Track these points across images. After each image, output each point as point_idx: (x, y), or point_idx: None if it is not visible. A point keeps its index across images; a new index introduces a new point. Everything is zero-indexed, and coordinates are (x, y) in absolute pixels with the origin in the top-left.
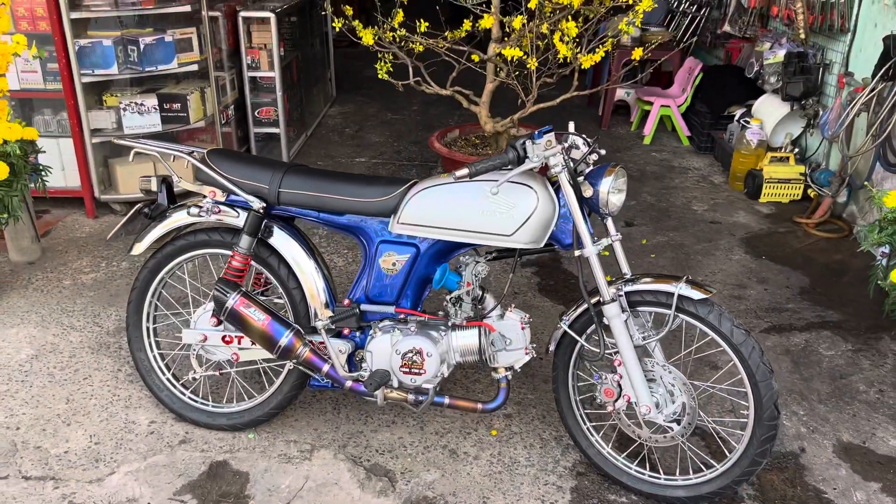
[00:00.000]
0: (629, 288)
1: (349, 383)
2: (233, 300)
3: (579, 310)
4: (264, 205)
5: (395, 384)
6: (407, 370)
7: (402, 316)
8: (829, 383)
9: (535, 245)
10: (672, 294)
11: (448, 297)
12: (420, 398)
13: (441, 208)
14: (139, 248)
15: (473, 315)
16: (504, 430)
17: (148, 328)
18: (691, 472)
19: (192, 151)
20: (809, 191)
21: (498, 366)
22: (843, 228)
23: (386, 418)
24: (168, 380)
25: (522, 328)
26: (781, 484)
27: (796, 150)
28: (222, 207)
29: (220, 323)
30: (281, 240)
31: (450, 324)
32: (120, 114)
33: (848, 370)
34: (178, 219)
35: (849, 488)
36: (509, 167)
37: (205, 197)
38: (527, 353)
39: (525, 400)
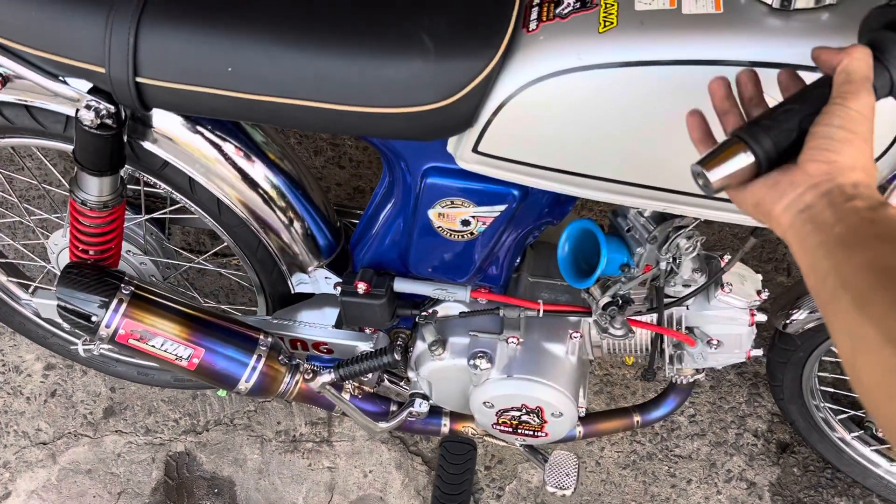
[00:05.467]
0: None
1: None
2: (111, 327)
3: None
4: (113, 108)
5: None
6: (510, 430)
7: (483, 300)
8: None
9: None
10: None
11: (595, 289)
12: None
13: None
14: None
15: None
16: None
17: None
18: None
19: None
20: None
21: (678, 369)
22: None
23: None
24: None
25: (752, 321)
26: None
27: None
28: None
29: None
30: (171, 135)
31: (592, 321)
32: None
33: None
34: None
35: None
36: None
37: None
38: (749, 358)
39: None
